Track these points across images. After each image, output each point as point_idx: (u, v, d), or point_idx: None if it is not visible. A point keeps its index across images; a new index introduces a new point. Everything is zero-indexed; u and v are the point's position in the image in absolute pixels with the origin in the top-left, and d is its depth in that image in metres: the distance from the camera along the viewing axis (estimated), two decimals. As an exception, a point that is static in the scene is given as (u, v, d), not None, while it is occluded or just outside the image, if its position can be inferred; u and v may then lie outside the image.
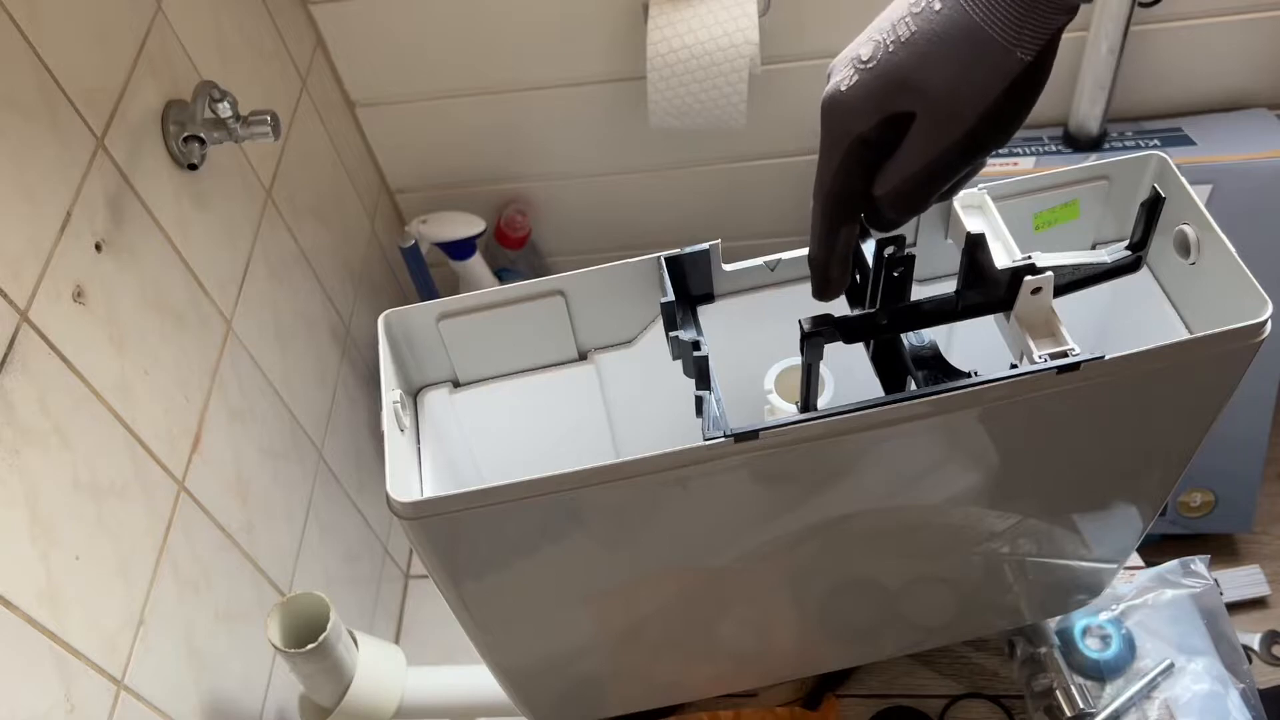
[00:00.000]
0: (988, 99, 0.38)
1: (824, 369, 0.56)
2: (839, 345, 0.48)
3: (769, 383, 0.60)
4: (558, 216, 1.48)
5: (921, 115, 0.40)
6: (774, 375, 0.60)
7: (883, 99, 0.40)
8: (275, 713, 0.98)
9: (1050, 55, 0.39)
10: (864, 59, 0.40)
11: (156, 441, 0.83)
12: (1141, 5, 1.12)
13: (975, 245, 0.46)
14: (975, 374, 0.46)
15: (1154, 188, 0.47)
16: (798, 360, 0.47)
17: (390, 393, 0.52)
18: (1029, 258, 0.46)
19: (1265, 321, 0.47)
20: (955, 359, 0.48)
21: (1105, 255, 0.48)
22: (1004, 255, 0.48)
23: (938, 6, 0.38)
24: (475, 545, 0.50)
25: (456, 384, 0.59)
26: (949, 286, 0.48)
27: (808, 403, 0.48)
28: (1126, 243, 0.48)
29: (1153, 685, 0.71)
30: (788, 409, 0.58)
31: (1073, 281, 0.47)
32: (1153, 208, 0.47)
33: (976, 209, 0.52)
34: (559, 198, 1.45)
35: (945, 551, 0.62)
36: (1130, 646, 0.73)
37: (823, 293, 0.47)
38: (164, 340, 0.86)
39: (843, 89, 0.40)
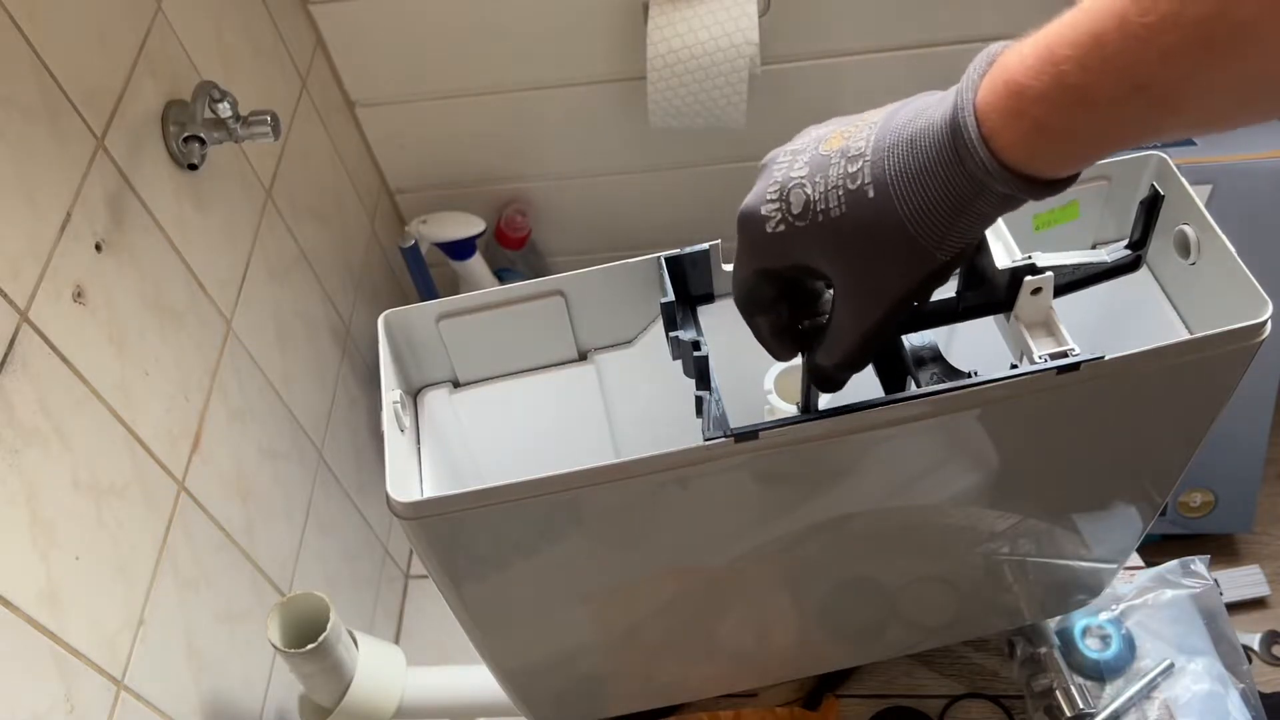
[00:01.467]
0: (904, 288, 0.39)
1: None
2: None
3: (769, 383, 0.60)
4: (558, 216, 1.48)
5: (843, 294, 0.41)
6: (774, 376, 0.60)
7: (801, 257, 0.41)
8: (275, 713, 0.98)
9: (968, 251, 0.39)
10: (794, 210, 0.40)
11: (156, 441, 0.83)
12: None
13: (976, 246, 0.46)
14: (975, 374, 0.46)
15: (1153, 186, 0.47)
16: (798, 361, 0.47)
17: (390, 393, 0.52)
18: (1029, 258, 0.46)
19: (1265, 322, 0.47)
20: (955, 359, 0.48)
21: (1105, 255, 0.48)
22: (1004, 255, 0.48)
23: (870, 195, 0.38)
24: (475, 545, 0.50)
25: (456, 384, 0.59)
26: (949, 287, 0.48)
27: (808, 403, 0.48)
28: (1126, 242, 0.48)
29: (1153, 685, 0.71)
30: (788, 410, 0.58)
31: (1072, 281, 0.47)
32: (1152, 206, 0.47)
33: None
34: (559, 198, 1.45)
35: (945, 551, 0.62)
36: (1130, 646, 0.73)
37: (776, 358, 0.47)
38: (164, 340, 0.86)
39: (768, 229, 0.41)
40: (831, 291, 0.42)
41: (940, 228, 0.37)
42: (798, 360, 0.48)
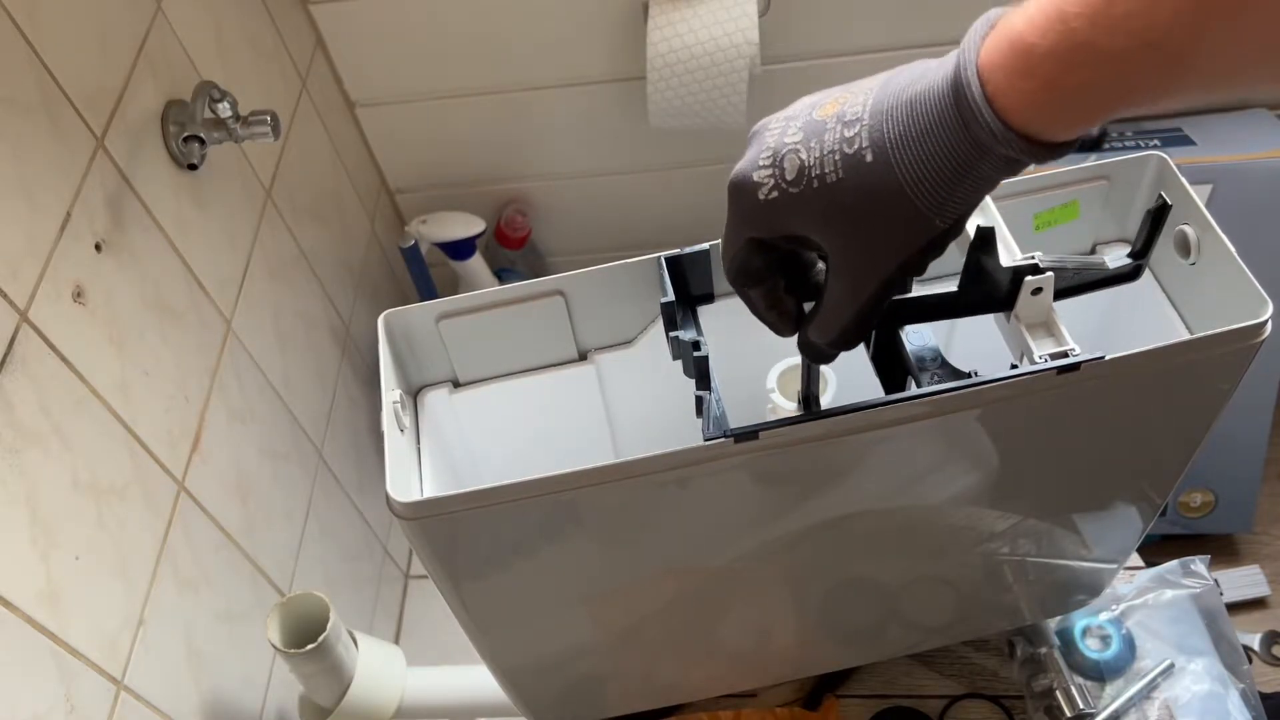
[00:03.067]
0: (901, 257, 0.38)
1: (825, 368, 0.56)
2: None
3: (771, 381, 0.60)
4: (558, 216, 1.48)
5: (838, 265, 0.40)
6: (776, 375, 0.60)
7: (795, 226, 0.40)
8: (275, 713, 0.98)
9: (965, 218, 0.39)
10: (788, 176, 0.39)
11: (156, 441, 0.83)
12: None
13: (984, 240, 0.46)
14: (975, 374, 0.46)
15: (1160, 196, 0.46)
16: (799, 360, 0.47)
17: (390, 393, 0.52)
18: (1032, 257, 0.45)
19: (1265, 322, 0.47)
20: (955, 359, 0.48)
21: (1107, 260, 0.47)
22: (1005, 255, 0.48)
23: (868, 159, 0.37)
24: (475, 545, 0.50)
25: (456, 384, 0.59)
26: (949, 287, 0.48)
27: (809, 398, 0.48)
28: (1129, 250, 0.48)
29: (1153, 685, 0.71)
30: (790, 408, 0.58)
31: (1071, 287, 0.47)
32: (1158, 216, 0.46)
33: (976, 209, 0.51)
34: (559, 198, 1.45)
35: (945, 551, 0.62)
36: (1130, 647, 0.73)
37: (776, 332, 0.47)
38: (164, 340, 0.86)
39: (760, 196, 0.40)
40: (825, 265, 0.41)
41: (940, 193, 0.36)
42: (799, 360, 0.48)
